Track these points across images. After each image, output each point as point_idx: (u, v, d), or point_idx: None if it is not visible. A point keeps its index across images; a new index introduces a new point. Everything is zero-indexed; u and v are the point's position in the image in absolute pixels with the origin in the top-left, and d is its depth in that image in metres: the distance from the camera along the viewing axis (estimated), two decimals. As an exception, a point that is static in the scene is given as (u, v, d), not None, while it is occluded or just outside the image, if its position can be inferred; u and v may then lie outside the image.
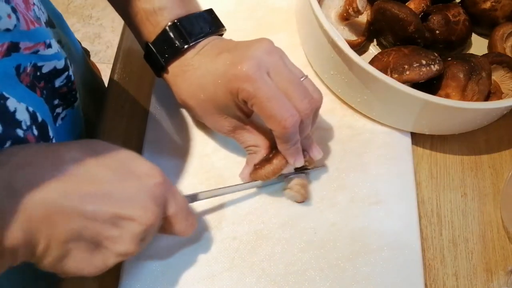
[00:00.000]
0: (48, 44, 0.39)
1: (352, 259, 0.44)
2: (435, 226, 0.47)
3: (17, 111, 0.34)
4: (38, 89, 0.39)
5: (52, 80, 0.41)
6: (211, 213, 0.45)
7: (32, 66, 0.37)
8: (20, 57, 0.35)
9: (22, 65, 0.35)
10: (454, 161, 0.51)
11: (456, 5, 0.55)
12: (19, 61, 0.35)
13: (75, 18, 1.58)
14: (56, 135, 0.42)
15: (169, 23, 0.41)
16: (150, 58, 0.44)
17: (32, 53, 0.36)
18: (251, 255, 0.43)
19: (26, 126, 0.35)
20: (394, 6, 0.49)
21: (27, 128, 0.35)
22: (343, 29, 0.54)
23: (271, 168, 0.42)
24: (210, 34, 0.43)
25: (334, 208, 0.46)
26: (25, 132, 0.34)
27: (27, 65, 0.36)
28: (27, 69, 0.36)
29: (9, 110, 0.33)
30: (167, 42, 0.42)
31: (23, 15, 0.35)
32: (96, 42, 1.54)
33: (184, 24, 0.42)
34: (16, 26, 0.33)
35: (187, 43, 0.41)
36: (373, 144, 0.50)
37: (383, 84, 0.44)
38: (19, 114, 0.34)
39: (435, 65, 0.46)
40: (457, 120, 0.48)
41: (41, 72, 0.39)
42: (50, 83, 0.41)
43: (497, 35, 0.54)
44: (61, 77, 0.42)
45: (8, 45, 0.33)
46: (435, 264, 0.45)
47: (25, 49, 0.35)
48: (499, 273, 0.45)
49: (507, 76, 0.52)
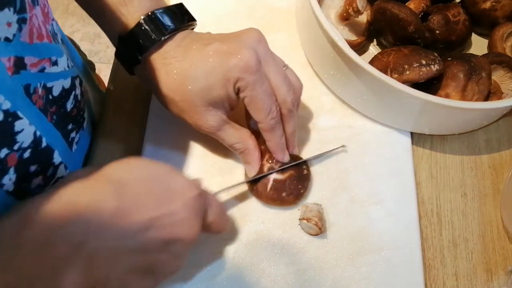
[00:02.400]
0: (54, 62, 0.38)
1: (352, 259, 0.44)
2: (435, 226, 0.47)
3: (23, 132, 0.33)
4: (49, 114, 0.38)
5: (64, 103, 0.41)
6: (211, 213, 0.45)
7: (43, 88, 0.36)
8: (28, 76, 0.34)
9: (32, 86, 0.35)
10: (454, 161, 0.51)
11: (456, 5, 0.55)
12: (28, 80, 0.34)
13: (75, 18, 1.58)
14: (70, 161, 0.42)
15: (142, 16, 0.41)
16: (123, 53, 0.43)
17: (39, 71, 0.36)
18: (251, 255, 0.43)
19: (18, 148, 0.33)
20: (394, 6, 0.49)
21: (17, 149, 0.33)
22: (343, 29, 0.54)
23: None
24: (185, 28, 0.43)
25: (334, 208, 0.46)
26: (9, 153, 0.32)
27: (37, 85, 0.35)
28: (38, 90, 0.35)
29: (13, 130, 0.32)
30: (143, 34, 0.41)
31: (32, 27, 0.34)
32: (96, 42, 1.54)
33: (159, 16, 0.41)
34: (15, 36, 0.32)
35: (163, 35, 0.41)
36: (373, 144, 0.50)
37: (383, 84, 0.44)
38: (23, 135, 0.33)
39: (435, 65, 0.46)
40: (457, 120, 0.48)
41: (53, 95, 0.38)
42: (62, 108, 0.40)
43: (497, 35, 0.54)
44: (70, 99, 0.42)
45: (14, 60, 0.32)
46: (435, 264, 0.45)
47: (32, 66, 0.34)
48: (499, 273, 0.45)
49: (507, 76, 0.52)
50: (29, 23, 0.33)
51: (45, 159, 0.37)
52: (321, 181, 0.47)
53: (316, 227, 0.43)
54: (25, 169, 0.35)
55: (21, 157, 0.34)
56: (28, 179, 0.36)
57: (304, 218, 0.43)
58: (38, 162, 0.36)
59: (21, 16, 0.32)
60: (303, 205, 0.45)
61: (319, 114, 0.51)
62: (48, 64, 0.37)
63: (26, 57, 0.34)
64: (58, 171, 0.40)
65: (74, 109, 0.43)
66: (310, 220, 0.43)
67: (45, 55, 0.36)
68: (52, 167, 0.39)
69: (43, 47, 0.36)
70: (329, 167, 0.48)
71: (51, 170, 0.39)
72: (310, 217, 0.43)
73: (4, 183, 0.32)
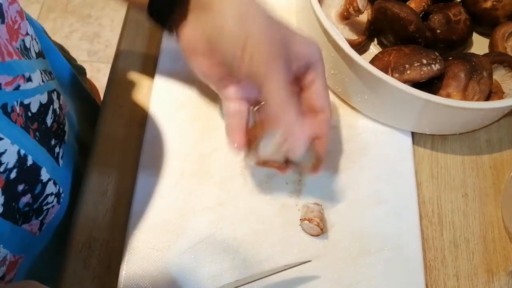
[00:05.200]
0: (28, 78, 0.37)
1: (352, 260, 0.43)
2: (436, 227, 0.47)
3: (6, 153, 0.33)
4: (31, 131, 0.38)
5: (44, 119, 0.40)
6: (211, 213, 0.45)
7: (20, 105, 0.36)
8: (4, 95, 0.34)
9: (9, 104, 0.34)
10: (455, 161, 0.50)
11: (457, 4, 0.54)
12: (4, 100, 0.34)
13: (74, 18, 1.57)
14: (58, 176, 0.41)
15: None
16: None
17: (14, 89, 0.35)
18: (251, 255, 0.43)
19: (4, 169, 0.33)
20: (394, 5, 0.49)
21: (3, 171, 0.33)
22: (343, 28, 0.53)
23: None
24: None
25: (335, 209, 0.46)
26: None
27: (14, 104, 0.35)
28: (15, 108, 0.35)
29: None
30: None
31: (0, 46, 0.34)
32: (95, 42, 1.54)
33: None
34: None
35: None
36: (373, 144, 0.49)
37: (384, 84, 0.44)
38: (6, 156, 0.33)
39: (436, 64, 0.46)
40: (458, 120, 0.48)
41: (31, 111, 0.38)
42: (43, 124, 0.40)
43: (498, 34, 0.54)
44: (49, 114, 0.41)
45: None
46: (436, 265, 0.45)
47: (6, 85, 0.34)
48: (500, 273, 0.45)
49: (508, 76, 0.52)
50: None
51: (32, 177, 0.37)
52: (322, 181, 0.47)
53: (318, 227, 0.43)
54: (13, 189, 0.35)
55: (8, 178, 0.34)
56: (16, 198, 0.36)
57: (305, 218, 0.43)
58: (25, 180, 0.36)
59: None
60: (304, 205, 0.45)
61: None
62: (22, 81, 0.36)
63: (1, 76, 0.33)
64: (47, 188, 0.40)
65: (54, 123, 0.43)
66: (311, 220, 0.43)
67: (18, 72, 0.36)
68: (40, 184, 0.39)
69: (15, 64, 0.36)
70: (329, 167, 0.48)
71: (39, 188, 0.39)
72: (311, 218, 0.43)
73: None
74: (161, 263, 0.42)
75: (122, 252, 0.43)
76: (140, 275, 0.42)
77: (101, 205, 0.45)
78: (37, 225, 0.41)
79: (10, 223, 0.36)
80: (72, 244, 0.44)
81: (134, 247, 0.43)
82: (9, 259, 0.38)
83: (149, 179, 0.46)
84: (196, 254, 0.43)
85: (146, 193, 0.45)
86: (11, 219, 0.36)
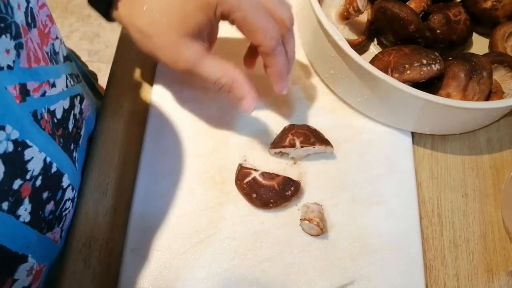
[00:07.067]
0: (52, 84, 0.37)
1: (352, 260, 0.43)
2: (436, 227, 0.47)
3: (33, 160, 0.32)
4: (57, 138, 0.37)
5: (67, 124, 0.40)
6: (211, 213, 0.45)
7: (48, 112, 0.36)
8: (34, 102, 0.34)
9: (39, 111, 0.34)
10: (455, 161, 0.50)
11: (457, 4, 0.54)
12: (34, 107, 0.34)
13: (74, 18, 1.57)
14: (75, 181, 0.41)
15: None
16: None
17: (41, 95, 0.35)
18: (251, 256, 0.43)
19: (30, 176, 0.33)
20: (394, 5, 0.49)
21: (30, 178, 0.32)
22: (343, 28, 0.53)
23: None
24: None
25: (335, 209, 0.46)
26: (23, 183, 0.32)
27: (42, 110, 0.35)
28: (44, 115, 0.35)
29: (23, 159, 0.31)
30: None
31: (28, 51, 0.33)
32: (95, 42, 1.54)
33: None
34: (15, 62, 0.31)
35: None
36: (373, 144, 0.49)
37: (384, 84, 0.44)
38: (33, 163, 0.32)
39: (436, 64, 0.46)
40: (458, 120, 0.48)
41: (57, 118, 0.38)
42: (66, 130, 0.40)
43: (498, 34, 0.54)
44: (70, 119, 0.41)
45: (19, 88, 0.32)
46: (436, 265, 0.45)
47: (34, 91, 0.34)
48: (500, 273, 0.45)
49: (508, 76, 0.52)
50: (26, 48, 0.33)
51: (55, 184, 0.37)
52: (322, 181, 0.47)
53: (318, 227, 0.43)
54: (39, 197, 0.34)
55: (34, 185, 0.33)
56: (42, 206, 0.35)
57: (305, 218, 0.43)
58: (49, 188, 0.36)
59: (18, 42, 0.32)
60: (304, 205, 0.45)
61: (319, 114, 0.51)
62: (47, 87, 0.36)
63: (28, 82, 0.33)
64: (66, 193, 0.40)
65: (74, 128, 0.42)
66: (311, 220, 0.43)
67: (44, 78, 0.36)
68: (61, 190, 0.38)
69: (41, 70, 0.35)
70: (329, 167, 0.48)
71: (60, 194, 0.38)
72: (311, 218, 0.43)
73: (20, 214, 0.32)
74: (161, 263, 0.42)
75: (122, 252, 0.43)
76: (140, 275, 0.42)
77: (101, 205, 0.45)
78: (58, 232, 0.40)
79: (37, 232, 0.36)
80: (72, 244, 0.44)
81: (134, 247, 0.43)
82: (35, 268, 0.37)
83: (149, 179, 0.46)
84: (196, 254, 0.43)
85: (146, 193, 0.45)
86: (38, 228, 0.36)
